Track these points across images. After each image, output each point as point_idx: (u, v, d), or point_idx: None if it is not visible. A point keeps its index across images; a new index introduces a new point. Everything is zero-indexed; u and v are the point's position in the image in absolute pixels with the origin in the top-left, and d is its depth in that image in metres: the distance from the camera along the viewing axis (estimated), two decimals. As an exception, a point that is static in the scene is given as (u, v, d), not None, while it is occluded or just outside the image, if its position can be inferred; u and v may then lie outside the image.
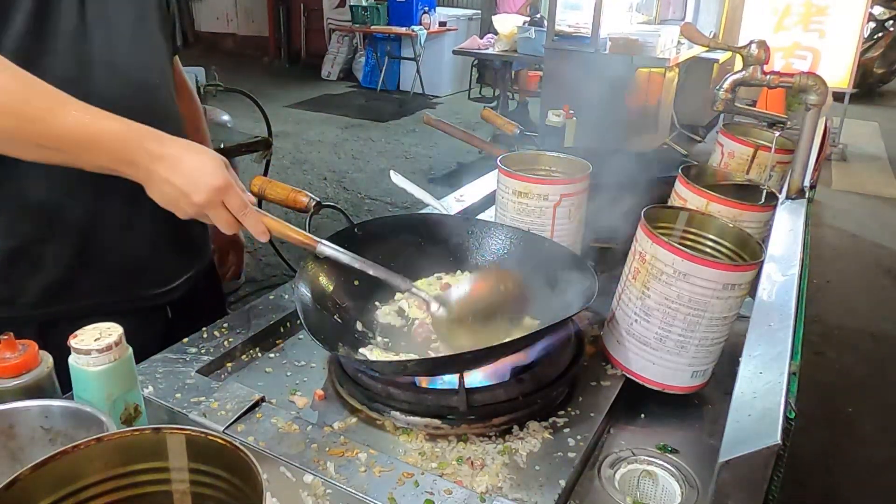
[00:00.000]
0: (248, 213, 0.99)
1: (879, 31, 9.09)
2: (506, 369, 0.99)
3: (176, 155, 0.94)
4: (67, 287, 1.15)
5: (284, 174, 5.92)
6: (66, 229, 1.13)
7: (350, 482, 0.81)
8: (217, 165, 0.96)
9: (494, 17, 6.76)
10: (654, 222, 1.05)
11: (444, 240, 1.26)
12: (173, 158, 0.94)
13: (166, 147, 0.95)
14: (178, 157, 0.94)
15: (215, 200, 0.96)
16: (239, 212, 0.98)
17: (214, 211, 0.97)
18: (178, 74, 1.40)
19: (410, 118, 8.16)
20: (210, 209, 0.96)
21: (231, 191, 0.96)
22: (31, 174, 1.08)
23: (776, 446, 0.64)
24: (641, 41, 3.25)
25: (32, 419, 0.77)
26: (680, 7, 4.07)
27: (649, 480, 0.93)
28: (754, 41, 1.40)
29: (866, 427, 3.03)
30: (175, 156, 0.94)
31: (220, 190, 0.95)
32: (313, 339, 0.95)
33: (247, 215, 0.99)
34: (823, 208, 5.47)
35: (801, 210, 1.33)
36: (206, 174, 0.94)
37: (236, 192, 0.97)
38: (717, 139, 1.64)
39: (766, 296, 0.99)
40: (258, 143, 3.09)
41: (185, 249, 1.33)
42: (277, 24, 11.62)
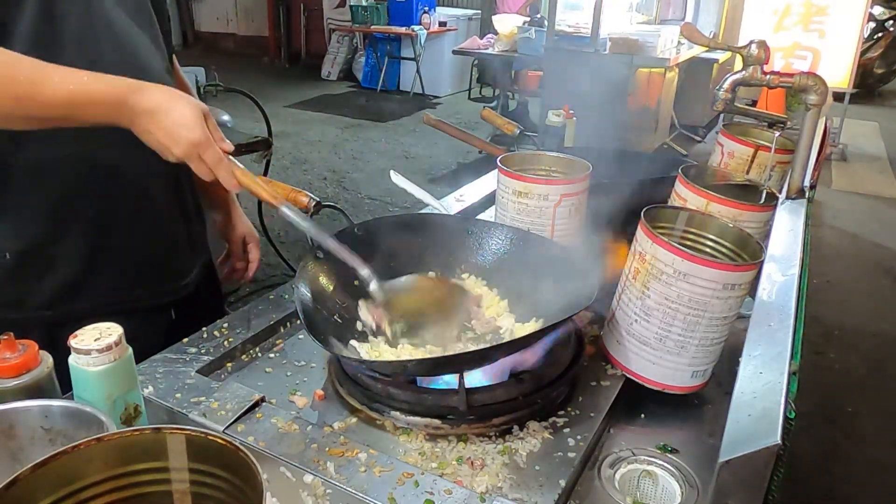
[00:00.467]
0: (221, 165, 1.03)
1: (879, 31, 9.08)
2: (507, 370, 0.99)
3: (157, 107, 0.99)
4: (78, 288, 1.16)
5: (284, 174, 5.92)
6: (76, 230, 1.14)
7: (350, 482, 0.81)
8: (195, 119, 1.00)
9: (494, 17, 6.77)
10: (654, 222, 1.05)
11: (443, 240, 1.26)
12: (155, 111, 0.99)
13: (149, 100, 0.99)
14: (159, 110, 0.99)
15: (192, 153, 1.01)
16: (214, 165, 1.02)
17: (192, 162, 1.02)
18: (177, 75, 1.40)
19: (410, 118, 8.15)
20: (188, 160, 1.01)
21: (207, 145, 1.01)
22: (40, 176, 1.09)
23: (776, 446, 0.64)
24: (641, 41, 3.24)
25: (32, 419, 0.77)
26: (680, 7, 4.07)
27: (649, 480, 0.93)
28: (754, 41, 1.40)
29: (866, 427, 3.03)
30: (156, 108, 0.99)
31: (197, 144, 1.00)
32: (313, 339, 0.95)
33: (220, 168, 1.03)
34: (823, 208, 5.47)
35: (801, 210, 1.33)
36: (184, 127, 0.99)
37: (212, 145, 1.02)
38: (717, 139, 1.64)
39: (766, 296, 0.99)
40: (258, 143, 3.09)
41: (190, 247, 1.33)
42: (277, 24, 11.61)
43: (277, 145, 5.09)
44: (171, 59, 1.33)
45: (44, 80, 0.95)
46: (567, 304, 1.06)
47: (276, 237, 3.26)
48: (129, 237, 1.20)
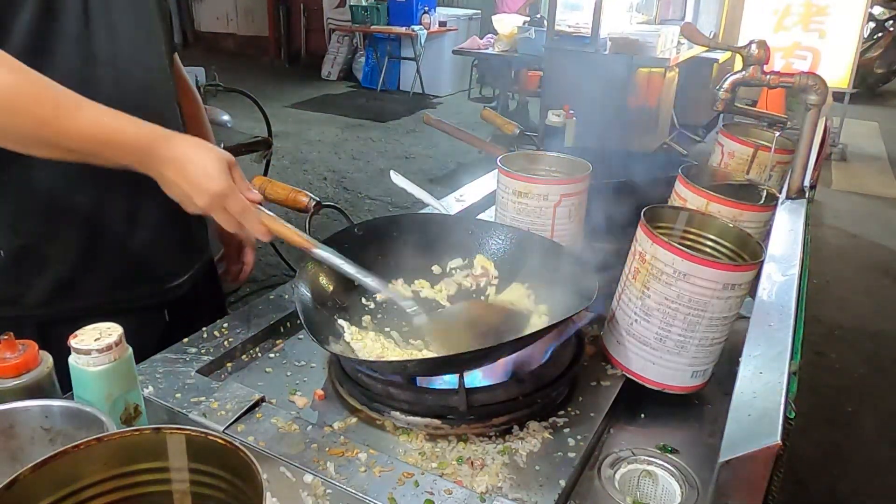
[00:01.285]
0: (248, 215, 1.01)
1: (879, 31, 9.09)
2: (508, 370, 0.99)
3: (182, 158, 0.97)
4: (73, 285, 1.16)
5: (284, 174, 5.92)
6: (72, 227, 1.13)
7: (350, 482, 0.81)
8: (220, 170, 0.98)
9: (494, 17, 6.76)
10: (654, 222, 1.05)
11: (444, 240, 1.26)
12: (180, 161, 0.97)
13: (174, 149, 0.98)
14: (184, 160, 0.97)
15: (216, 204, 0.99)
16: (240, 215, 1.01)
17: (216, 213, 1.00)
18: (178, 73, 1.40)
19: (410, 118, 8.15)
20: (212, 211, 1.00)
21: (232, 195, 0.99)
22: (35, 173, 1.08)
23: (776, 446, 0.64)
24: (641, 41, 3.25)
25: (32, 419, 0.77)
26: (680, 7, 4.07)
27: (649, 480, 0.93)
28: (754, 41, 1.40)
29: (866, 427, 3.03)
30: (181, 159, 0.97)
31: (221, 195, 0.98)
32: (313, 339, 0.95)
33: (247, 218, 1.01)
34: (823, 208, 5.47)
35: (801, 210, 1.33)
36: (208, 179, 0.97)
37: (236, 195, 1.00)
38: (717, 139, 1.64)
39: (766, 296, 0.99)
40: (258, 143, 3.09)
41: (188, 246, 1.33)
42: (277, 24, 11.61)
43: (277, 145, 5.09)
44: (171, 59, 1.33)
45: (72, 108, 0.93)
46: (567, 304, 1.06)
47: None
48: (125, 236, 1.19)
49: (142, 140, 0.97)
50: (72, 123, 0.93)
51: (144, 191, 1.19)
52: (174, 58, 1.37)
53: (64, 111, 0.93)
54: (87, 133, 0.94)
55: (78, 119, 0.94)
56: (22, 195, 1.10)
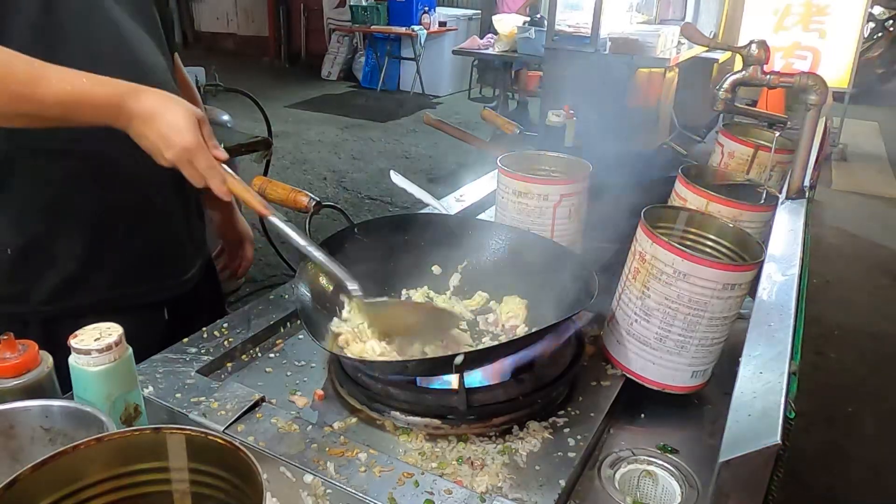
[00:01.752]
0: (213, 172, 1.02)
1: (879, 31, 9.08)
2: (504, 369, 0.99)
3: (151, 111, 0.99)
4: (77, 283, 1.16)
5: (284, 174, 5.92)
6: (77, 225, 1.14)
7: (350, 482, 0.81)
8: (188, 124, 0.99)
9: (494, 17, 6.75)
10: (654, 222, 1.05)
11: (444, 240, 1.26)
12: (149, 115, 0.99)
13: (143, 103, 0.99)
14: (153, 114, 0.99)
15: (183, 158, 1.00)
16: (205, 171, 1.02)
17: (183, 167, 1.01)
18: (179, 72, 1.40)
19: (410, 118, 8.15)
20: (179, 165, 1.01)
21: (199, 150, 1.00)
22: (41, 172, 1.09)
23: (776, 446, 0.64)
24: (641, 41, 3.24)
25: (32, 419, 0.77)
26: (680, 7, 4.07)
27: (649, 480, 0.93)
28: (754, 41, 1.40)
29: (866, 427, 3.03)
30: (150, 112, 0.99)
31: (189, 150, 1.00)
32: (313, 339, 0.95)
33: (212, 175, 1.02)
34: (823, 208, 5.46)
35: (801, 210, 1.33)
36: (177, 132, 0.99)
37: (204, 151, 1.01)
38: (717, 139, 1.64)
39: (766, 296, 0.99)
40: (258, 143, 3.09)
41: (189, 244, 1.34)
42: (277, 24, 11.61)
43: (277, 145, 5.09)
44: (172, 58, 1.33)
45: (41, 78, 0.95)
46: (567, 304, 1.06)
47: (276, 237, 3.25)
48: (130, 233, 1.20)
49: (113, 96, 0.98)
50: (46, 92, 0.95)
51: (148, 188, 1.20)
52: (175, 58, 1.37)
53: (37, 82, 0.95)
54: (61, 98, 0.96)
55: (52, 87, 0.95)
56: (28, 193, 1.11)
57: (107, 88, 0.98)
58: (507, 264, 1.23)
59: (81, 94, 0.97)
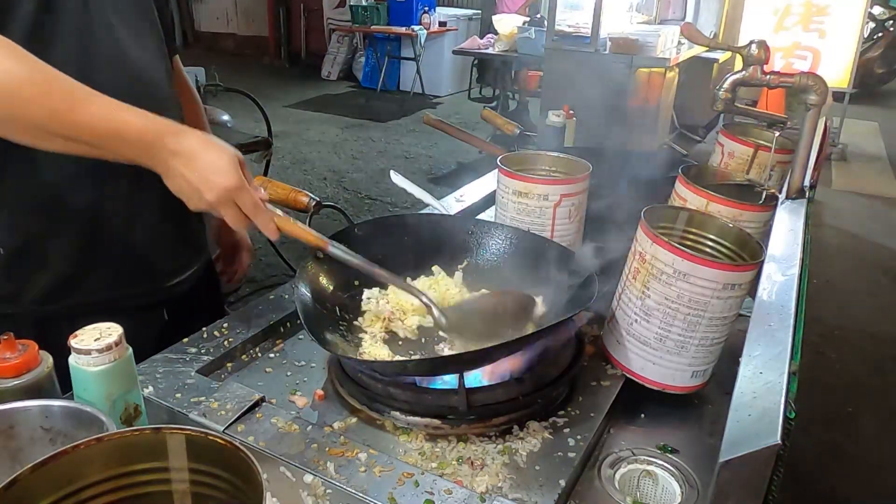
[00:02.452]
0: (259, 212, 1.00)
1: (879, 31, 9.08)
2: (504, 371, 0.99)
3: (192, 151, 0.96)
4: (72, 283, 1.16)
5: (284, 174, 5.92)
6: (72, 225, 1.14)
7: (350, 482, 0.81)
8: (231, 165, 0.97)
9: (494, 17, 6.76)
10: (654, 222, 1.05)
11: (444, 240, 1.26)
12: (189, 155, 0.96)
13: (184, 143, 0.97)
14: (194, 154, 0.96)
15: (226, 199, 0.97)
16: (251, 211, 0.99)
17: (225, 209, 0.98)
18: (179, 74, 1.40)
19: (410, 118, 8.15)
20: (221, 207, 0.98)
21: (243, 191, 0.98)
22: (35, 171, 1.08)
23: (776, 446, 0.64)
24: (641, 41, 3.24)
25: (32, 419, 0.77)
26: (680, 7, 4.07)
27: (649, 480, 0.93)
28: (754, 41, 1.40)
29: (866, 427, 3.03)
30: (191, 152, 0.96)
31: (232, 190, 0.97)
32: (313, 339, 0.95)
33: (258, 214, 1.00)
34: (823, 208, 5.47)
35: (801, 210, 1.33)
36: (219, 173, 0.96)
37: (248, 191, 0.98)
38: (717, 139, 1.64)
39: (766, 296, 0.99)
40: (258, 143, 3.09)
41: (187, 246, 1.33)
42: (277, 24, 11.61)
43: (277, 145, 5.09)
44: (172, 59, 1.33)
45: (83, 101, 0.93)
46: (567, 304, 1.06)
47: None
48: (125, 233, 1.19)
49: (151, 133, 0.96)
50: (82, 115, 0.93)
51: (144, 188, 1.19)
52: (176, 60, 1.37)
53: (74, 103, 0.93)
54: (96, 125, 0.94)
55: (88, 111, 0.93)
56: (22, 193, 1.10)
57: (146, 123, 0.96)
58: (507, 264, 1.23)
59: (121, 124, 0.94)
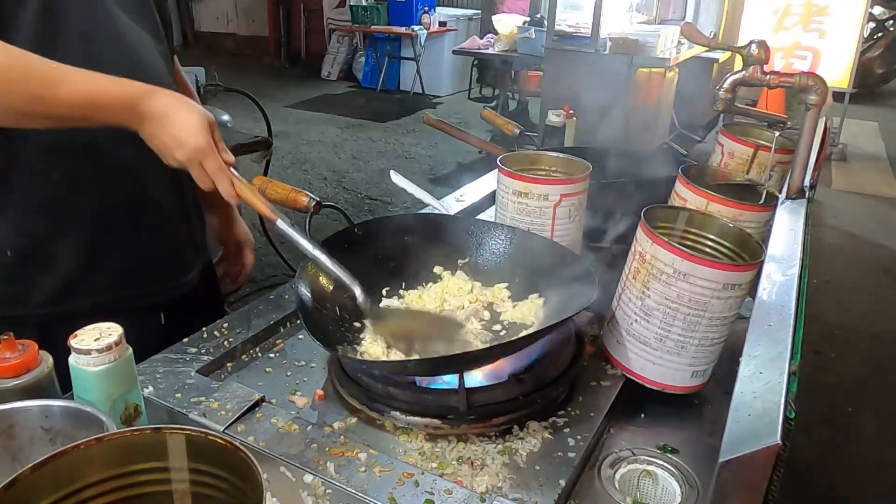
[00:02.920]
0: (222, 175, 1.04)
1: (879, 31, 9.08)
2: (504, 370, 0.99)
3: (164, 112, 1.01)
4: (76, 286, 1.16)
5: (284, 174, 5.92)
6: (77, 227, 1.14)
7: (350, 482, 0.81)
8: (200, 126, 1.01)
9: (494, 17, 6.76)
10: (654, 222, 1.05)
11: (444, 240, 1.26)
12: (162, 116, 1.01)
13: (157, 104, 1.01)
14: (166, 115, 1.01)
15: (193, 159, 1.02)
16: (214, 174, 1.03)
17: (192, 168, 1.03)
18: (178, 75, 1.40)
19: (410, 118, 8.15)
20: (189, 166, 1.03)
21: (209, 153, 1.02)
22: (41, 174, 1.09)
23: (776, 446, 0.64)
24: (641, 41, 3.25)
25: (32, 419, 0.77)
26: (680, 7, 4.07)
27: (649, 480, 0.93)
28: (754, 41, 1.40)
29: (866, 427, 3.03)
30: (164, 113, 1.01)
31: (200, 151, 1.01)
32: (313, 339, 0.95)
33: (221, 178, 1.04)
34: (823, 208, 5.46)
35: (801, 210, 1.33)
36: (188, 134, 1.01)
37: (214, 154, 1.03)
38: (717, 139, 1.64)
39: (766, 296, 0.99)
40: (258, 143, 3.09)
41: (189, 248, 1.33)
42: (277, 24, 11.60)
43: (277, 145, 5.09)
44: (171, 59, 1.33)
45: (60, 80, 0.96)
46: (567, 305, 1.06)
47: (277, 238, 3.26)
48: (129, 235, 1.20)
49: (127, 97, 1.00)
50: (62, 93, 0.96)
51: (148, 190, 1.20)
52: (174, 60, 1.37)
53: (56, 83, 0.96)
54: (77, 100, 0.98)
55: (68, 88, 0.97)
56: (28, 196, 1.10)
57: (122, 89, 1.00)
58: (507, 264, 1.23)
59: (98, 95, 0.99)
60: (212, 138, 1.02)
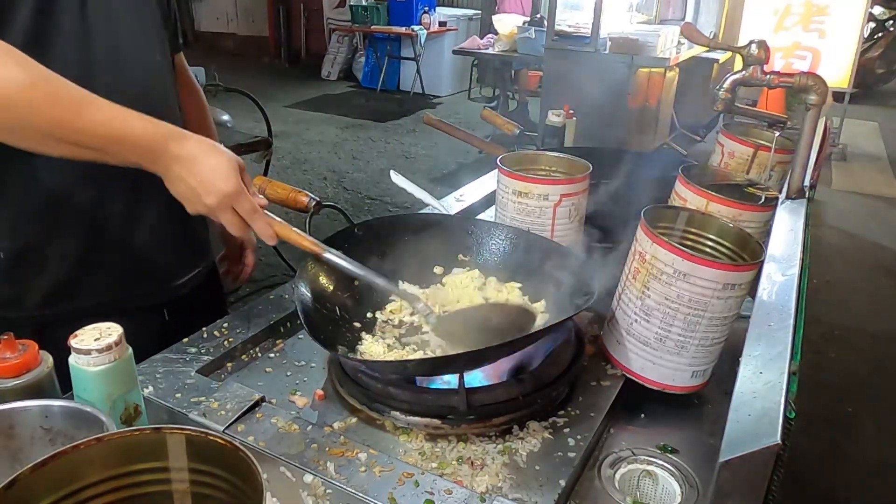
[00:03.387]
0: (257, 217, 1.01)
1: (879, 31, 9.08)
2: (504, 371, 0.99)
3: (193, 156, 0.98)
4: (72, 287, 1.15)
5: (284, 174, 5.92)
6: (71, 229, 1.13)
7: (350, 482, 0.81)
8: (231, 170, 0.98)
9: (494, 17, 6.76)
10: (654, 222, 1.05)
11: (444, 240, 1.26)
12: (190, 160, 0.97)
13: (185, 148, 0.98)
14: (195, 159, 0.97)
15: (225, 204, 0.99)
16: (249, 216, 1.01)
17: (223, 214, 1.00)
18: (183, 73, 1.40)
19: (410, 118, 8.15)
20: (220, 212, 0.99)
21: (242, 196, 0.99)
22: (36, 174, 1.08)
23: (776, 446, 0.64)
24: (641, 41, 3.24)
25: (32, 419, 0.77)
26: (680, 7, 4.07)
27: (649, 480, 0.93)
28: (754, 41, 1.40)
29: (866, 427, 3.03)
30: (192, 157, 0.97)
31: (231, 196, 0.98)
32: (313, 339, 0.95)
33: (256, 220, 1.01)
34: (823, 208, 5.47)
35: (801, 210, 1.33)
36: (219, 178, 0.97)
37: (247, 197, 1.00)
38: (717, 139, 1.64)
39: (766, 296, 0.99)
40: (258, 143, 3.09)
41: (188, 248, 1.33)
42: (277, 24, 11.61)
43: (277, 145, 5.09)
44: (174, 59, 1.33)
45: (88, 107, 0.94)
46: (567, 305, 1.06)
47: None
48: (125, 237, 1.19)
49: (154, 138, 0.97)
50: (87, 122, 0.93)
51: (145, 192, 1.19)
52: (179, 58, 1.37)
53: (80, 109, 0.93)
54: (101, 131, 0.94)
55: (93, 117, 0.94)
56: (23, 197, 1.10)
57: (150, 126, 0.97)
58: (508, 264, 1.23)
59: (123, 128, 0.95)
60: (242, 181, 0.99)
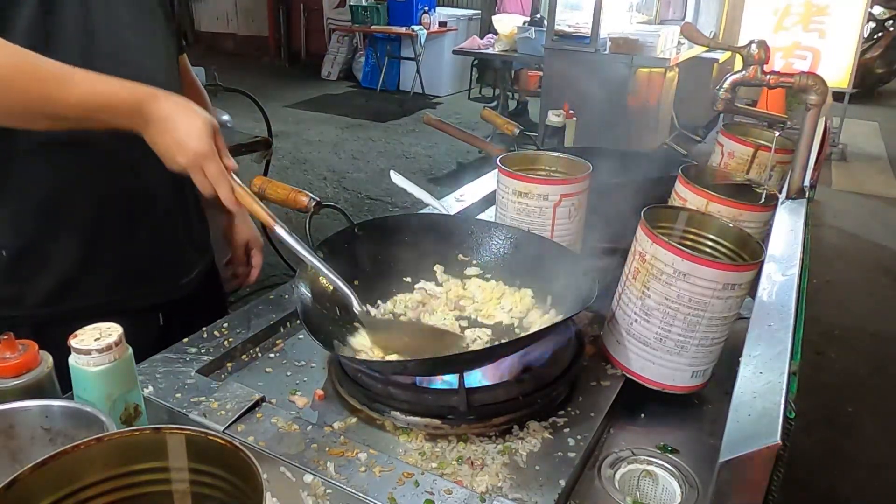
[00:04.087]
0: (222, 181, 1.04)
1: (879, 31, 9.08)
2: (504, 371, 0.99)
3: (168, 116, 1.01)
4: (73, 286, 1.16)
5: (284, 174, 5.92)
6: (73, 228, 1.14)
7: (350, 482, 0.81)
8: (204, 131, 1.01)
9: (494, 17, 6.77)
10: (654, 222, 1.05)
11: (444, 240, 1.26)
12: (166, 119, 1.01)
13: (161, 108, 1.01)
14: (169, 118, 1.01)
15: (196, 164, 1.02)
16: (215, 179, 1.03)
17: (194, 173, 1.03)
18: (186, 72, 1.40)
19: (410, 118, 8.15)
20: (191, 170, 1.03)
21: (211, 158, 1.02)
22: (37, 173, 1.09)
23: (776, 446, 0.64)
24: (641, 41, 3.25)
25: (32, 419, 0.77)
26: (680, 7, 4.07)
27: (649, 480, 0.93)
28: (754, 41, 1.40)
29: (866, 427, 3.03)
30: (167, 117, 1.01)
31: (201, 156, 1.01)
32: (313, 339, 0.95)
33: (220, 183, 1.04)
34: (823, 208, 5.47)
35: (801, 210, 1.33)
36: (191, 138, 1.01)
37: (215, 159, 1.03)
38: (717, 139, 1.64)
39: (766, 296, 0.99)
40: (258, 143, 3.09)
41: (189, 247, 1.33)
42: (277, 24, 11.61)
43: (277, 145, 5.09)
44: (177, 59, 1.33)
45: (67, 81, 0.97)
46: (567, 305, 1.06)
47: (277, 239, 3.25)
48: (127, 235, 1.19)
49: (132, 100, 1.00)
50: (69, 95, 0.97)
51: (147, 191, 1.19)
52: (183, 59, 1.37)
53: (61, 84, 0.97)
54: (83, 102, 0.98)
55: (75, 90, 0.97)
56: (24, 195, 1.10)
57: (127, 92, 1.00)
58: (507, 265, 1.23)
59: (103, 97, 0.99)
60: (214, 143, 1.02)
